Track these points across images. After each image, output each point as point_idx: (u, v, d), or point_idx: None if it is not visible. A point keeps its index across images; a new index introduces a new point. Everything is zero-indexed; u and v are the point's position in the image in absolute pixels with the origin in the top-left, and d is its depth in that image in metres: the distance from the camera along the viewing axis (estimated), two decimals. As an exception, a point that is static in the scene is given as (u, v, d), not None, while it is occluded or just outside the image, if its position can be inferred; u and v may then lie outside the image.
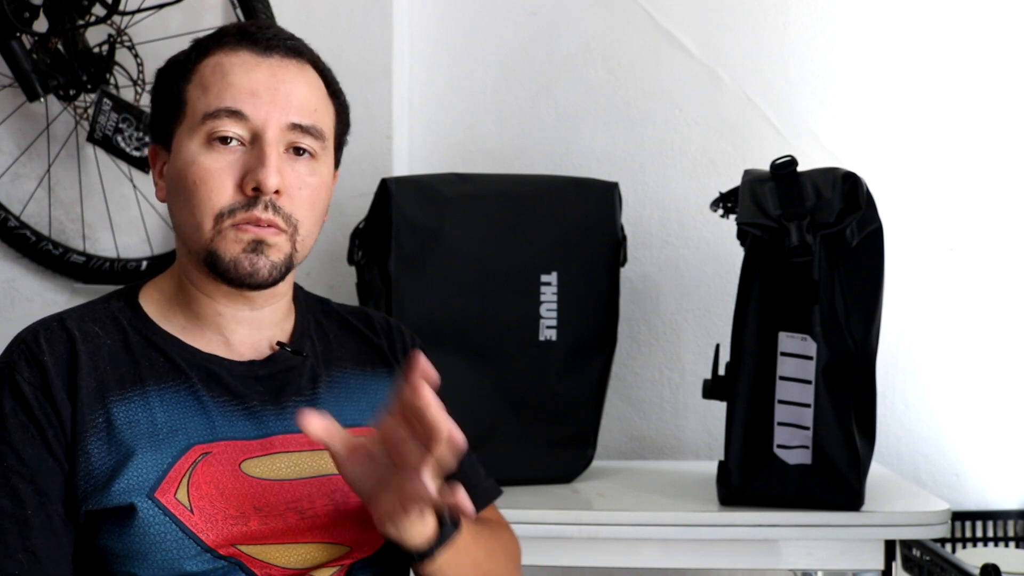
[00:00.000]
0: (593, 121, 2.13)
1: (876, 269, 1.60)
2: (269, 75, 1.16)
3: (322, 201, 1.21)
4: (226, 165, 1.14)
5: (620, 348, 1.89)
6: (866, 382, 1.59)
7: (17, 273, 2.11)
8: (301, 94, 1.18)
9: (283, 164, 1.15)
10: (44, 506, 1.09)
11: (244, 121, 1.14)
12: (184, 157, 1.15)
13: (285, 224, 1.15)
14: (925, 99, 2.09)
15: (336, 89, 1.25)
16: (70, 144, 2.07)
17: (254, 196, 1.13)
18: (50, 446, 1.10)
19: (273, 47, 1.18)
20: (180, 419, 1.13)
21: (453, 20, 2.13)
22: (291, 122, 1.16)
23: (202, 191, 1.14)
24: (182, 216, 1.17)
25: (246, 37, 1.18)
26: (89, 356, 1.13)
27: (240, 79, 1.15)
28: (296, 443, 1.17)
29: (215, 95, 1.15)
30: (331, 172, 1.23)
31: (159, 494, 1.09)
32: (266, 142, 1.14)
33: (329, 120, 1.22)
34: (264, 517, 1.12)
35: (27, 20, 1.94)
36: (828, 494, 1.58)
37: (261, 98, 1.15)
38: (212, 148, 1.15)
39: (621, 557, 1.64)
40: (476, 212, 1.76)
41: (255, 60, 1.17)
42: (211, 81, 1.16)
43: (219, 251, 1.14)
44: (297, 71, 1.19)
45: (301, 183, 1.17)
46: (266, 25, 1.22)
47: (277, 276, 1.16)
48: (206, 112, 1.15)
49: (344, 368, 1.26)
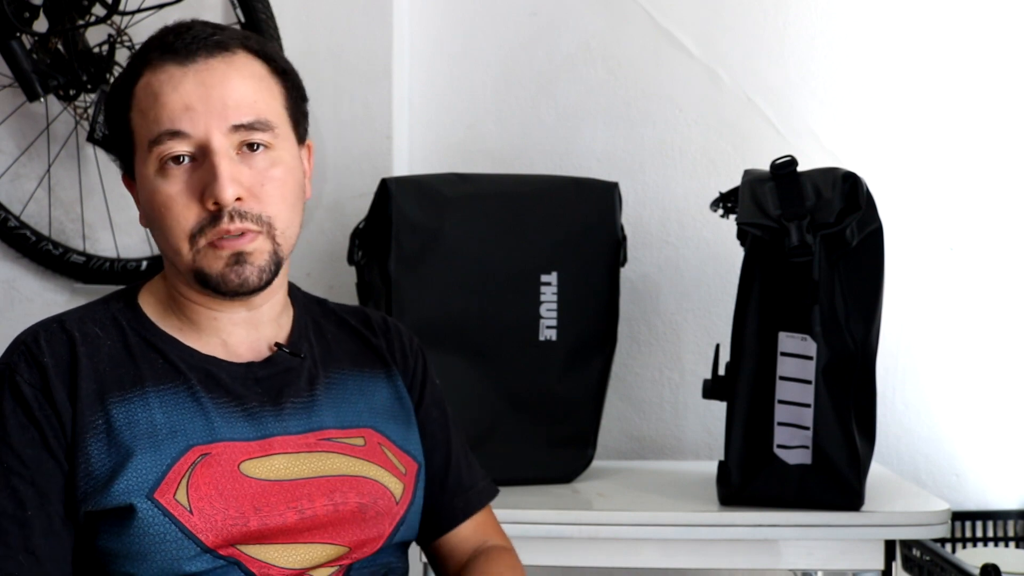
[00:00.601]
0: (593, 121, 2.12)
1: (876, 269, 1.59)
2: (197, 84, 1.13)
3: (293, 187, 1.18)
4: (183, 186, 1.13)
5: (620, 348, 1.89)
6: (866, 382, 1.59)
7: (17, 273, 2.11)
8: (235, 93, 1.14)
9: (237, 168, 1.13)
10: (44, 507, 1.09)
11: (186, 138, 1.12)
12: (146, 187, 1.15)
13: (257, 225, 1.13)
14: (925, 99, 2.09)
15: (278, 64, 1.19)
16: (70, 144, 2.07)
17: (217, 210, 1.12)
18: (50, 447, 1.10)
19: (194, 51, 1.14)
20: (179, 420, 1.13)
21: (453, 20, 2.13)
22: (232, 125, 1.13)
23: (169, 217, 1.13)
24: (161, 241, 1.17)
25: (167, 50, 1.14)
26: (89, 357, 1.13)
27: (170, 97, 1.12)
28: (295, 444, 1.17)
29: (153, 119, 1.13)
30: (295, 152, 1.20)
31: (158, 495, 1.09)
32: (213, 153, 1.12)
33: (276, 103, 1.18)
34: (263, 517, 1.12)
35: (27, 20, 1.94)
36: (828, 494, 1.58)
37: (196, 111, 1.12)
38: (166, 172, 1.13)
39: (621, 557, 1.64)
40: (476, 212, 1.76)
41: (180, 71, 1.13)
42: (146, 105, 1.14)
43: (204, 269, 1.14)
44: (225, 68, 1.14)
45: (263, 179, 1.14)
46: (186, 27, 1.17)
47: (268, 278, 1.16)
48: (149, 139, 1.13)
49: (342, 369, 1.26)
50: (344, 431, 1.21)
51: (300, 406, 1.19)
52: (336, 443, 1.20)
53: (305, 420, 1.19)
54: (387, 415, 1.26)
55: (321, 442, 1.19)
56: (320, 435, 1.19)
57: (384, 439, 1.24)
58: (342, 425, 1.22)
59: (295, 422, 1.18)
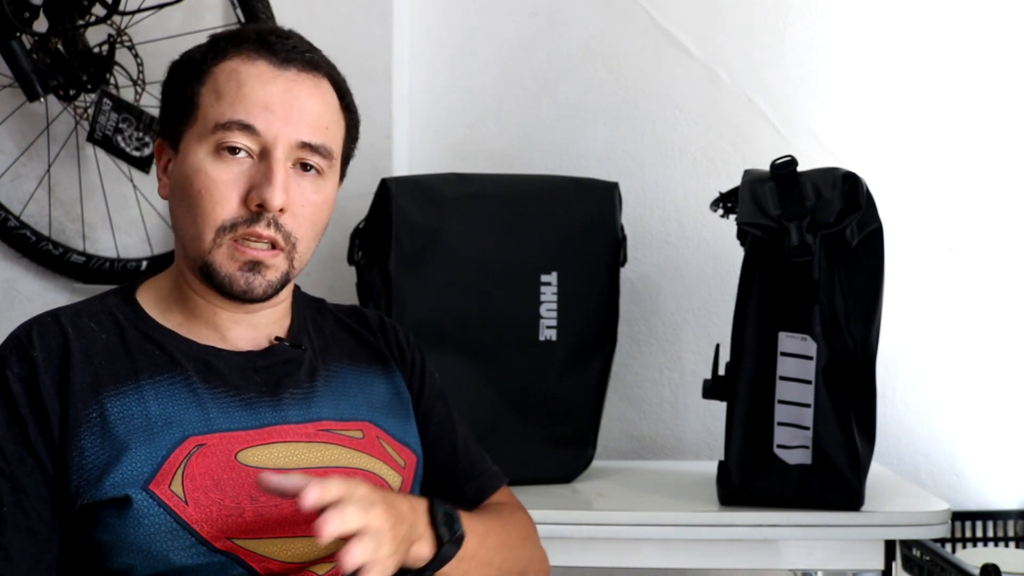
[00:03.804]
0: (593, 121, 2.13)
1: (876, 269, 1.59)
2: (284, 90, 1.15)
3: (323, 219, 1.21)
4: (232, 177, 1.14)
5: (620, 348, 1.89)
6: (866, 382, 1.59)
7: (17, 273, 2.11)
8: (314, 111, 1.17)
9: (289, 181, 1.15)
10: (21, 503, 1.09)
11: (255, 135, 1.14)
12: (191, 163, 1.15)
13: (284, 242, 1.15)
14: (925, 99, 2.09)
15: (349, 102, 1.24)
16: (70, 144, 2.07)
17: (257, 212, 1.13)
18: (32, 445, 1.10)
19: (291, 60, 1.17)
20: (174, 411, 1.13)
21: (453, 20, 2.13)
22: (301, 140, 1.15)
23: (206, 201, 1.14)
24: (183, 221, 1.17)
25: (265, 46, 1.16)
26: (83, 352, 1.14)
27: (255, 91, 1.14)
28: (293, 433, 1.18)
29: (228, 105, 1.14)
30: (335, 188, 1.23)
31: (153, 486, 1.09)
32: (274, 159, 1.14)
33: (339, 137, 1.21)
34: (259, 508, 1.12)
35: (27, 20, 1.94)
36: (828, 494, 1.58)
37: (274, 113, 1.14)
38: (220, 158, 1.14)
39: (621, 557, 1.64)
40: (476, 212, 1.76)
41: (272, 72, 1.15)
42: (225, 89, 1.15)
43: (215, 264, 1.14)
44: (312, 86, 1.18)
45: (305, 201, 1.17)
46: (285, 34, 1.20)
47: (272, 293, 1.17)
48: (218, 122, 1.14)
49: (341, 363, 1.27)
50: (343, 423, 1.22)
51: (299, 397, 1.20)
52: (335, 435, 1.20)
53: (304, 410, 1.20)
54: (385, 410, 1.27)
55: (321, 433, 1.19)
56: (319, 426, 1.20)
57: (382, 432, 1.25)
58: (340, 418, 1.22)
59: (294, 412, 1.19)
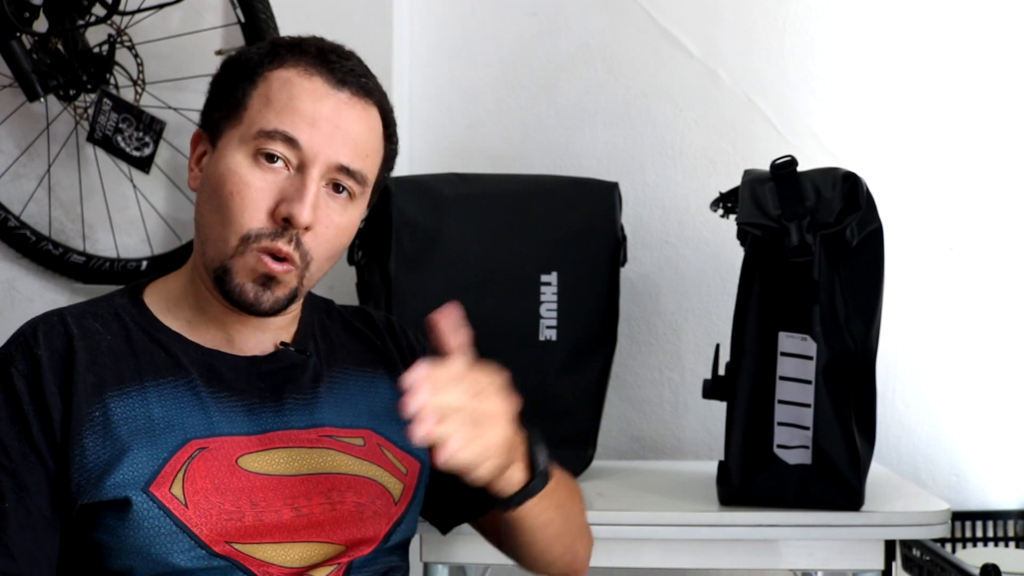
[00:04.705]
0: (593, 121, 2.12)
1: (876, 269, 1.59)
2: (333, 110, 1.15)
3: (342, 243, 1.21)
4: (266, 186, 1.14)
5: (620, 348, 1.89)
6: (866, 382, 1.59)
7: (17, 273, 2.11)
8: (359, 137, 1.17)
9: (319, 200, 1.15)
10: (23, 500, 1.09)
11: (296, 149, 1.14)
12: (227, 163, 1.15)
13: (300, 261, 1.15)
14: (925, 99, 2.09)
15: (392, 132, 1.24)
16: (70, 144, 2.07)
17: (283, 226, 1.13)
18: (35, 442, 1.10)
19: (346, 82, 1.17)
20: (177, 414, 1.13)
21: (453, 20, 2.13)
22: (340, 163, 1.16)
23: (236, 204, 1.13)
24: (210, 220, 1.17)
25: (324, 63, 1.17)
26: (87, 352, 1.14)
27: (305, 105, 1.14)
28: (295, 439, 1.18)
29: (276, 113, 1.14)
30: (361, 215, 1.23)
31: (154, 488, 1.09)
32: (310, 176, 1.14)
33: (376, 166, 1.22)
34: (259, 513, 1.12)
35: (27, 20, 1.94)
36: (828, 494, 1.58)
37: (320, 131, 1.14)
38: (257, 163, 1.14)
39: (621, 557, 1.64)
40: (476, 212, 1.76)
41: (325, 90, 1.16)
42: (277, 97, 1.15)
43: (232, 270, 1.14)
44: (362, 111, 1.18)
45: (330, 222, 1.17)
46: (346, 55, 1.20)
47: (279, 309, 1.17)
48: (263, 128, 1.14)
49: (346, 369, 1.27)
50: (344, 430, 1.22)
51: (302, 402, 1.20)
52: (337, 441, 1.20)
53: (307, 416, 1.20)
54: (388, 416, 1.26)
55: (323, 439, 1.19)
56: (321, 431, 1.20)
57: (384, 440, 1.24)
58: (342, 424, 1.22)
59: (297, 417, 1.19)
